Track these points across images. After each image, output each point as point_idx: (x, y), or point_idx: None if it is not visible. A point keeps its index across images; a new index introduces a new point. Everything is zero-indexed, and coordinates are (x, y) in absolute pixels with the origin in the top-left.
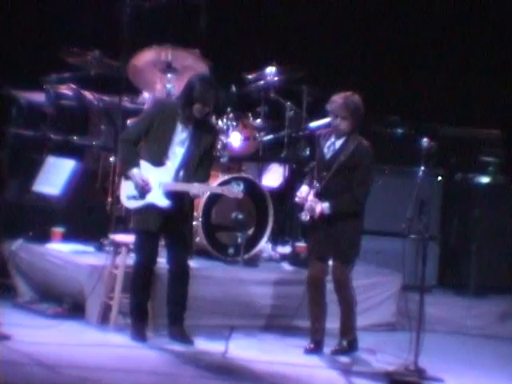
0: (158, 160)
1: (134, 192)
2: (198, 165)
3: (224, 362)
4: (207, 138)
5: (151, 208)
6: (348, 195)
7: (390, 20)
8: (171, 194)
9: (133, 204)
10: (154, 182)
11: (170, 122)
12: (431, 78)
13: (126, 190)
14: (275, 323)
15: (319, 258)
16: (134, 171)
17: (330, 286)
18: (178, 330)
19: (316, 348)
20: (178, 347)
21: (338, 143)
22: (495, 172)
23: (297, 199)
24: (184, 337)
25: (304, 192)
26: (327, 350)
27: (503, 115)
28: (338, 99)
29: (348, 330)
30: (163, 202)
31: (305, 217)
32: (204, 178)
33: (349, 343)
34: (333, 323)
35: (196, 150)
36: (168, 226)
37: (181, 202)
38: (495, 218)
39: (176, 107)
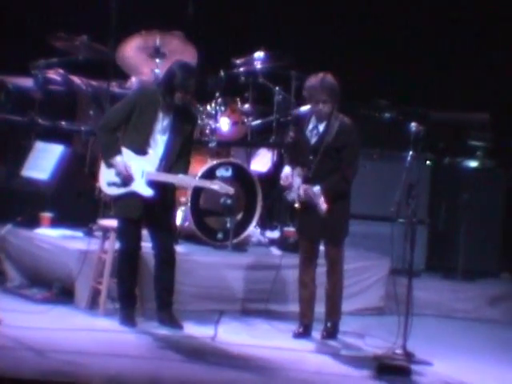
0: (140, 148)
1: (116, 179)
2: (179, 153)
3: (213, 346)
4: (188, 125)
5: (133, 195)
6: (337, 176)
7: (378, 3)
8: (154, 184)
9: (114, 191)
10: (136, 170)
11: (152, 109)
12: (419, 62)
13: (106, 175)
14: (264, 308)
15: (309, 240)
16: (118, 159)
17: (320, 271)
18: (167, 314)
19: (304, 332)
20: (166, 332)
21: (321, 126)
22: (483, 156)
23: (282, 182)
24: (173, 321)
25: (289, 174)
26: (316, 334)
27: (491, 99)
28: (314, 84)
29: (335, 311)
30: (147, 192)
31: (292, 199)
32: (186, 169)
33: (334, 324)
34: (322, 307)
35: (178, 138)
36: (149, 213)
37: (164, 190)
38: (483, 202)
39: (157, 94)
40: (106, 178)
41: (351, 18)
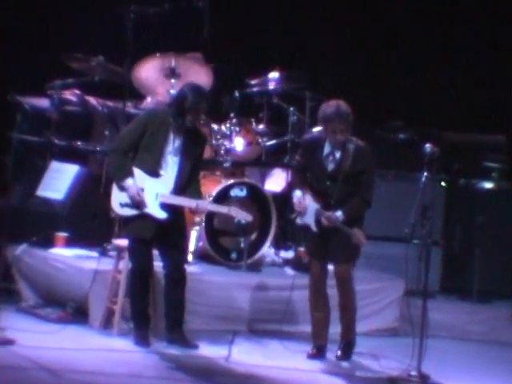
0: (152, 169)
1: (129, 200)
2: (191, 175)
3: (227, 366)
4: (198, 147)
5: (146, 216)
6: (357, 199)
7: (392, 25)
8: (168, 206)
9: (127, 212)
10: (150, 192)
11: (163, 130)
12: (435, 83)
13: (119, 196)
14: (278, 328)
15: (321, 260)
16: (129, 182)
17: (332, 292)
18: (178, 334)
19: (318, 353)
20: (180, 352)
21: (337, 152)
22: (499, 178)
23: (296, 207)
24: (186, 341)
25: (302, 199)
26: (331, 355)
27: (507, 120)
28: (330, 114)
29: (348, 331)
30: (161, 215)
31: (307, 223)
32: (199, 192)
33: (348, 344)
34: (336, 328)
35: (189, 160)
36: (161, 233)
37: (176, 213)
38: (498, 223)
39: (167, 115)
40: (119, 199)
41: (366, 39)
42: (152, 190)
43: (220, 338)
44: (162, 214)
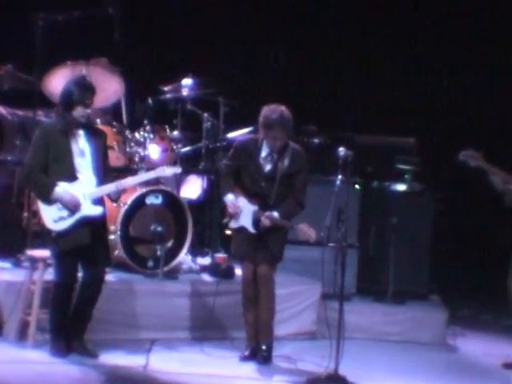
0: (69, 176)
1: (62, 212)
2: (104, 167)
3: (145, 374)
4: (100, 139)
5: (82, 222)
6: (291, 200)
7: (305, 29)
8: (98, 201)
9: (63, 225)
10: (77, 195)
11: (62, 138)
12: (346, 87)
13: (49, 213)
14: (196, 335)
15: (252, 261)
16: (58, 190)
17: None
18: (80, 343)
19: (251, 355)
20: (96, 362)
21: (275, 154)
22: (411, 179)
23: (231, 210)
24: (86, 350)
25: (235, 202)
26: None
27: (418, 123)
28: (272, 121)
29: (268, 333)
30: (96, 210)
31: (242, 225)
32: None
33: (268, 346)
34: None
35: (97, 153)
36: (94, 238)
37: (104, 209)
38: (412, 225)
39: (58, 123)
40: (50, 215)
41: (278, 44)
42: (77, 193)
43: (138, 346)
44: (96, 210)
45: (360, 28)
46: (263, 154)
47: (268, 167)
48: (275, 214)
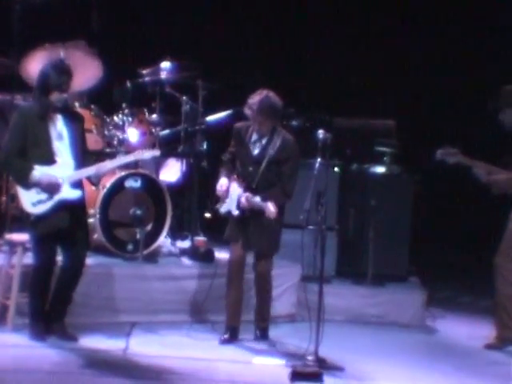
0: (48, 159)
1: (40, 196)
2: (83, 149)
3: (125, 358)
4: (78, 123)
5: (61, 205)
6: (278, 189)
7: (282, 13)
8: (77, 184)
9: (41, 208)
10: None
11: (40, 122)
12: (324, 70)
13: (28, 197)
14: (177, 318)
15: (242, 246)
16: (36, 173)
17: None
18: (60, 326)
19: (231, 337)
20: (76, 345)
21: (264, 139)
22: (390, 162)
23: (218, 192)
24: (66, 334)
25: (224, 185)
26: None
27: (397, 106)
28: (252, 105)
29: (265, 318)
30: (74, 194)
31: (230, 210)
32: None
33: (264, 330)
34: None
35: (75, 137)
36: (73, 221)
37: (83, 192)
38: (391, 207)
39: (35, 107)
40: (29, 199)
41: (258, 27)
42: (56, 176)
43: (117, 330)
44: (75, 193)
45: (338, 10)
46: (253, 138)
47: (256, 151)
48: (257, 197)
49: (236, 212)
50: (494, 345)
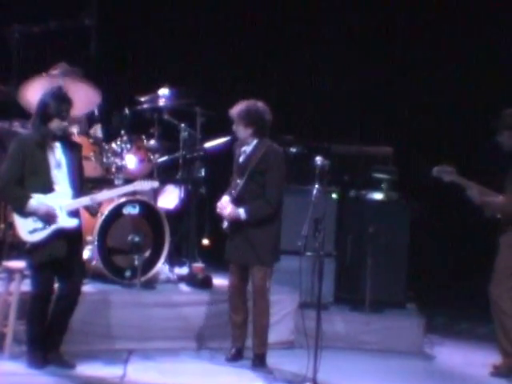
0: (46, 188)
1: (37, 224)
2: (81, 179)
3: None
4: (76, 151)
5: (57, 234)
6: (261, 200)
7: (280, 40)
8: (74, 213)
9: (38, 236)
10: (54, 207)
11: (39, 150)
12: (322, 97)
13: (25, 225)
14: (174, 345)
15: (239, 266)
16: (33, 203)
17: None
18: (57, 354)
19: (237, 355)
20: (73, 373)
21: (249, 149)
22: (387, 189)
23: (218, 210)
24: (63, 361)
25: (225, 202)
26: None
27: (394, 133)
28: (235, 107)
29: (261, 342)
30: (72, 223)
31: (225, 225)
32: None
33: (260, 357)
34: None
35: (74, 165)
36: (69, 250)
37: (80, 221)
38: (388, 234)
39: (34, 136)
40: (26, 227)
41: (254, 54)
42: (53, 205)
43: (115, 357)
44: (72, 222)
45: (335, 37)
46: (241, 150)
47: (241, 160)
48: (241, 210)
49: (225, 225)
50: (501, 372)
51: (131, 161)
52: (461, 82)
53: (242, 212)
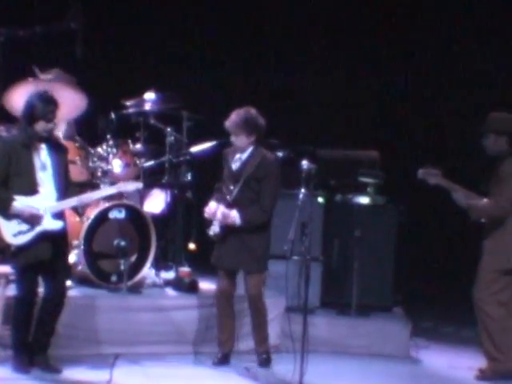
0: (30, 190)
1: (21, 226)
2: (66, 180)
3: None
4: (62, 154)
5: (42, 236)
6: (256, 207)
7: (268, 45)
8: (59, 215)
9: (22, 239)
10: (38, 209)
11: (24, 152)
12: (308, 101)
13: (9, 228)
14: (161, 350)
15: (228, 271)
16: (17, 204)
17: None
18: (43, 358)
19: (224, 359)
20: (59, 377)
21: (244, 156)
22: (374, 193)
23: (206, 214)
24: (49, 366)
25: (213, 207)
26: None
27: (380, 136)
28: (231, 117)
29: (264, 341)
30: (56, 225)
31: (214, 231)
32: (77, 191)
33: (267, 354)
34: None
35: (59, 167)
36: (54, 252)
37: (65, 223)
38: (375, 238)
39: (19, 138)
40: (10, 230)
41: (240, 59)
42: (38, 206)
43: (101, 361)
44: (57, 224)
45: (322, 43)
46: (235, 157)
47: (235, 168)
48: (236, 215)
49: (217, 230)
50: (486, 376)
51: (117, 165)
52: (447, 84)
53: (237, 217)
